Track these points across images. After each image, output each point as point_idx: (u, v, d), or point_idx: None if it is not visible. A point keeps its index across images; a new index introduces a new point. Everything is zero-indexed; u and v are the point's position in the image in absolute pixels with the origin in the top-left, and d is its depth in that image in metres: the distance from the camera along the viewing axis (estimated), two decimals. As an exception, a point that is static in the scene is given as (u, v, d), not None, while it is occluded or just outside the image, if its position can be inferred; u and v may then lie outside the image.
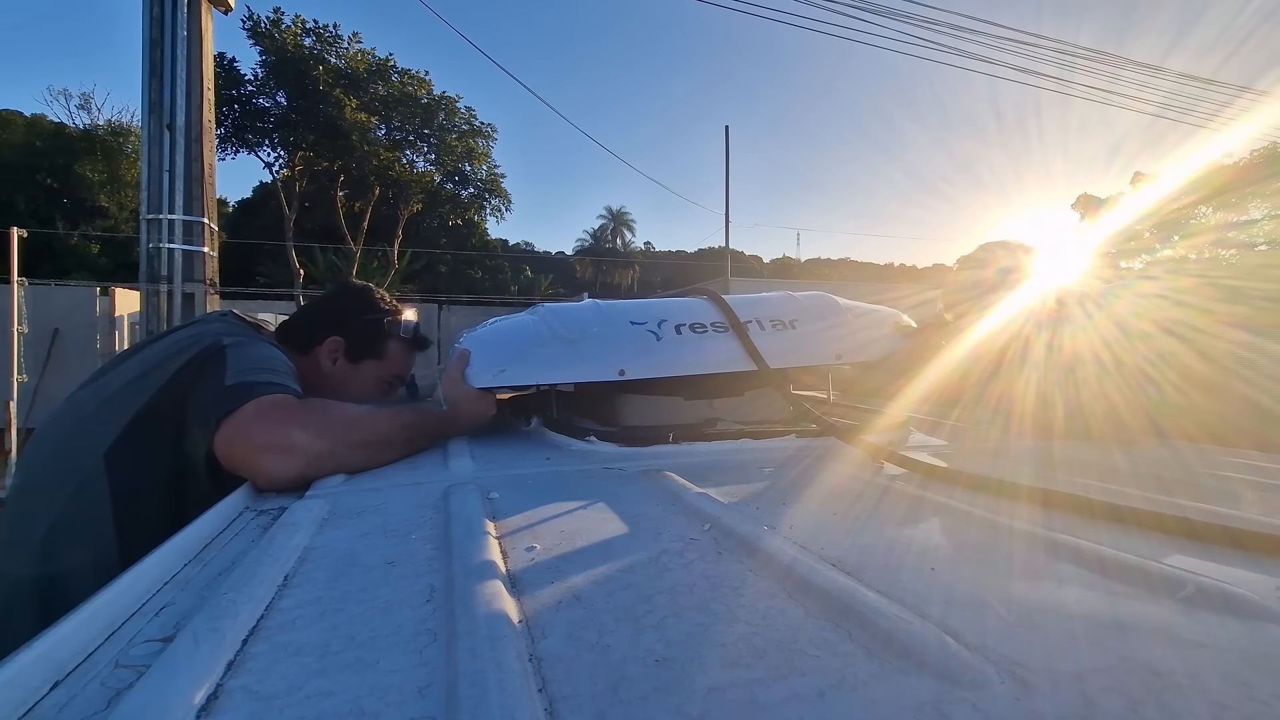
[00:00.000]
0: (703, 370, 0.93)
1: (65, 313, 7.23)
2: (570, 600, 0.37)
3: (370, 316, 1.06)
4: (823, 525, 0.51)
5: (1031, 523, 0.50)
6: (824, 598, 0.36)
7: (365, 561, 0.44)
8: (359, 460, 0.75)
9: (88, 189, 22.60)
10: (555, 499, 0.60)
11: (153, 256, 3.00)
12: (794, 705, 0.26)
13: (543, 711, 0.26)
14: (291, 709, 0.27)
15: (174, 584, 0.42)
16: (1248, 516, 0.53)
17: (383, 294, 1.12)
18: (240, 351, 0.82)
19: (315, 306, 1.10)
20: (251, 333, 0.92)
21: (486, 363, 0.92)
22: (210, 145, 3.17)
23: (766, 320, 0.99)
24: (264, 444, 0.69)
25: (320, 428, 0.72)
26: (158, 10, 2.97)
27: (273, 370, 0.81)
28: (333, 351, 1.03)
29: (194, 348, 0.82)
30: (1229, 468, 0.77)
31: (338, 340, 1.03)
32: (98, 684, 0.30)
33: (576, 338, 0.92)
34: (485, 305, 20.33)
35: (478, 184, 13.27)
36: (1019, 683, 0.28)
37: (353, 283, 1.15)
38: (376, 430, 0.77)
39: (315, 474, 0.70)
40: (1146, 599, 0.37)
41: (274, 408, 0.73)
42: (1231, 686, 0.28)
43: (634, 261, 49.87)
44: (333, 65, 11.22)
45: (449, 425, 0.90)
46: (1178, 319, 1.03)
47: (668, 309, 0.99)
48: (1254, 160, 15.01)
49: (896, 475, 0.68)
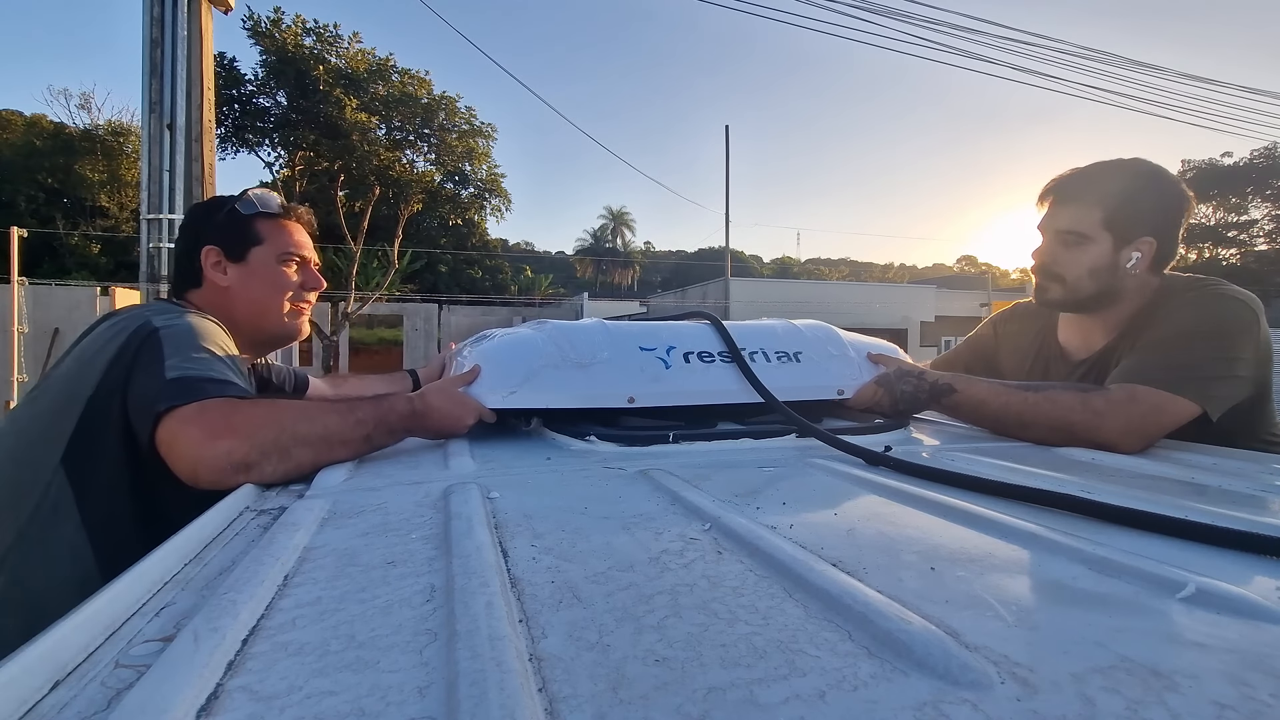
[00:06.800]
0: (710, 400, 0.95)
1: (65, 313, 7.23)
2: (570, 600, 0.37)
3: (220, 212, 1.03)
4: (823, 525, 0.51)
5: (1031, 523, 0.50)
6: (824, 598, 0.36)
7: (365, 561, 0.44)
8: (309, 457, 0.73)
9: (88, 189, 22.62)
10: (555, 499, 0.60)
11: (153, 256, 3.00)
12: (794, 705, 0.26)
13: (543, 711, 0.26)
14: (291, 709, 0.27)
15: (174, 584, 0.42)
16: (1249, 518, 0.53)
17: (228, 195, 1.07)
18: (173, 332, 0.80)
19: (178, 241, 1.07)
20: (177, 308, 0.90)
21: (498, 382, 0.92)
22: (210, 145, 3.17)
23: (771, 352, 1.02)
24: (205, 442, 0.69)
25: (266, 426, 0.71)
26: (158, 10, 2.97)
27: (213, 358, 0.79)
28: (215, 263, 1.00)
29: (124, 333, 0.80)
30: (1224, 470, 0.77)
31: (210, 249, 1.00)
32: (98, 684, 0.30)
33: (588, 362, 0.92)
34: (485, 305, 20.33)
35: (478, 184, 13.27)
36: (1019, 683, 0.28)
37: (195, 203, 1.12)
38: (328, 426, 0.75)
39: (261, 474, 0.69)
40: (1146, 599, 0.37)
41: (217, 406, 0.72)
42: (1231, 686, 0.28)
43: (634, 261, 49.92)
44: (333, 65, 11.22)
45: (416, 423, 0.85)
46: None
47: (677, 335, 1.00)
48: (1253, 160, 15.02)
49: (896, 475, 0.68)
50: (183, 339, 0.80)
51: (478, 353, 0.99)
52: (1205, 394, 0.91)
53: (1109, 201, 1.04)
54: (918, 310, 19.02)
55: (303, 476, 0.72)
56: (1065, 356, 1.18)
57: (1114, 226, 1.04)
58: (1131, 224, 1.03)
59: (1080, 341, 1.16)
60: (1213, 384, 0.92)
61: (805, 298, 17.89)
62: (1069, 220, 1.07)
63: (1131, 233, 1.03)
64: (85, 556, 0.75)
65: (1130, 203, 1.04)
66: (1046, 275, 1.10)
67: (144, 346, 0.78)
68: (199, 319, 0.87)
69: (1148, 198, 1.04)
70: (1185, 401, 0.90)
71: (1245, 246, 18.66)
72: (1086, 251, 1.05)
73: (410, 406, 0.85)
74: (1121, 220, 1.03)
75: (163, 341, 0.78)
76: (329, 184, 12.14)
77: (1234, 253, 18.74)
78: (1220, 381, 0.92)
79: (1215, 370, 0.93)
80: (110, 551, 0.76)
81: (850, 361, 1.06)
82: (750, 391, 0.93)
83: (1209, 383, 0.92)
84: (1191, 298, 1.01)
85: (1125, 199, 1.04)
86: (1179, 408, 0.90)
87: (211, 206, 1.05)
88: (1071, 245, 1.07)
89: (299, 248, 1.06)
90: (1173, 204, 1.05)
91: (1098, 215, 1.04)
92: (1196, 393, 0.90)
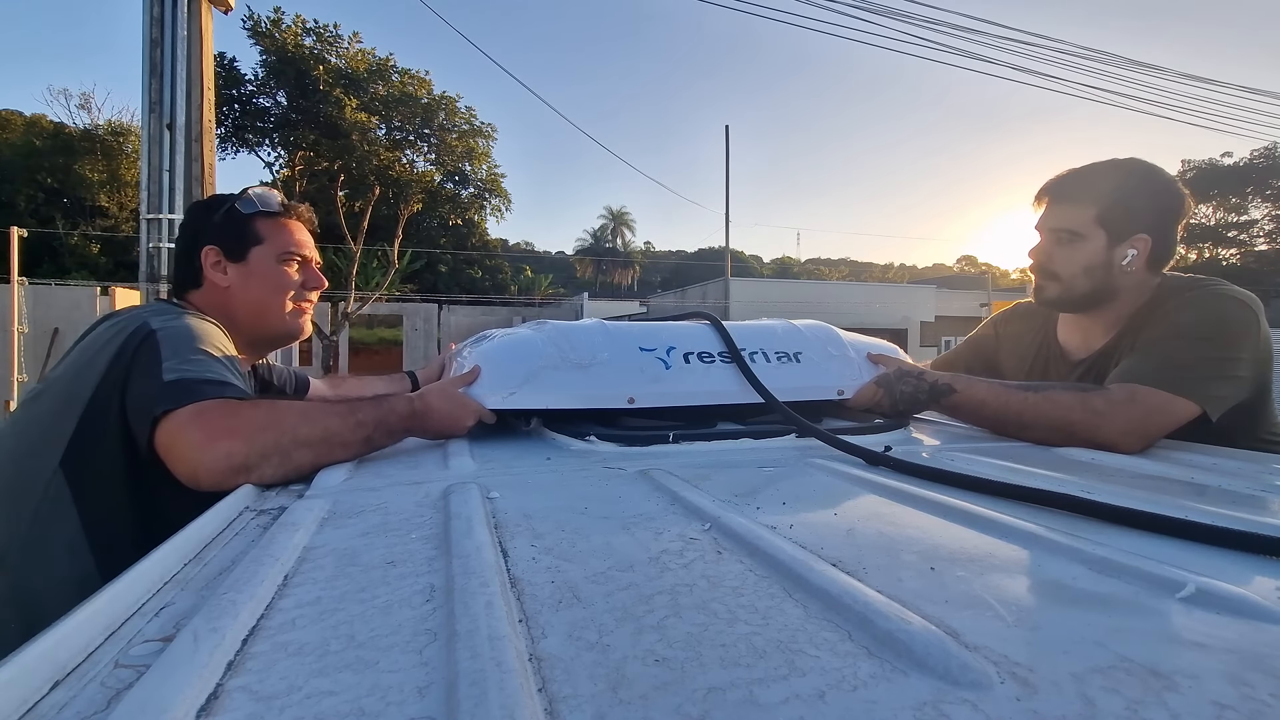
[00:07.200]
0: (710, 401, 0.95)
1: (65, 312, 7.23)
2: (570, 600, 0.37)
3: (220, 211, 1.02)
4: (823, 525, 0.51)
5: (1031, 523, 0.50)
6: (824, 598, 0.36)
7: (365, 561, 0.44)
8: (309, 459, 0.73)
9: (88, 189, 22.62)
10: (555, 499, 0.60)
11: (153, 256, 3.00)
12: (794, 705, 0.26)
13: (543, 711, 0.26)
14: (291, 709, 0.27)
15: (174, 584, 0.42)
16: (1248, 518, 0.53)
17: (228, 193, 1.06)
18: (171, 333, 0.80)
19: (178, 241, 1.06)
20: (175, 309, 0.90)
21: (498, 383, 0.92)
22: (210, 145, 3.17)
23: (771, 352, 1.02)
24: (205, 445, 0.69)
25: (265, 427, 0.71)
26: (158, 10, 2.97)
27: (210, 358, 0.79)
28: (216, 263, 0.99)
29: (122, 335, 0.80)
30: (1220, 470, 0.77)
31: (210, 248, 0.99)
32: (98, 684, 0.30)
33: (588, 363, 0.92)
34: (485, 305, 20.32)
35: (478, 184, 13.28)
36: (1019, 683, 0.28)
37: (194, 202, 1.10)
38: (328, 427, 0.75)
39: (261, 476, 0.69)
40: (1146, 599, 0.37)
41: (215, 407, 0.72)
42: (1231, 686, 0.28)
43: (634, 261, 49.93)
44: (333, 65, 11.23)
45: (416, 423, 0.85)
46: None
47: (676, 335, 1.00)
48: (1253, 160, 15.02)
49: (896, 475, 0.68)
50: (180, 340, 0.80)
51: (477, 353, 0.99)
52: (1205, 394, 0.91)
53: (1103, 199, 1.05)
54: (918, 310, 19.02)
55: (302, 478, 0.72)
56: (1065, 356, 1.18)
57: (1108, 224, 1.05)
58: (1126, 221, 1.04)
59: (1080, 341, 1.16)
60: (1213, 384, 0.92)
61: (805, 298, 17.89)
62: (1064, 219, 1.08)
63: (1126, 230, 1.04)
64: (84, 558, 0.75)
65: (1124, 200, 1.05)
66: (1043, 274, 1.11)
67: (141, 348, 0.78)
68: (197, 320, 0.87)
69: (1142, 195, 1.05)
70: (1185, 402, 0.90)
71: (1245, 246, 18.67)
72: (1081, 249, 1.06)
73: (410, 407, 0.85)
74: (1115, 218, 1.04)
75: (160, 343, 0.78)
76: (329, 184, 12.14)
77: (1234, 253, 18.75)
78: (1220, 382, 0.93)
79: (1215, 370, 0.93)
80: (109, 552, 0.76)
81: (850, 362, 1.06)
82: (750, 392, 0.93)
83: (1209, 383, 0.92)
84: (1191, 297, 1.01)
85: (1119, 197, 1.05)
86: (1179, 408, 0.90)
87: (211, 205, 1.04)
88: (1066, 243, 1.08)
89: (300, 247, 1.05)
90: (1168, 202, 1.06)
91: (1092, 213, 1.05)
92: (1197, 393, 0.91)
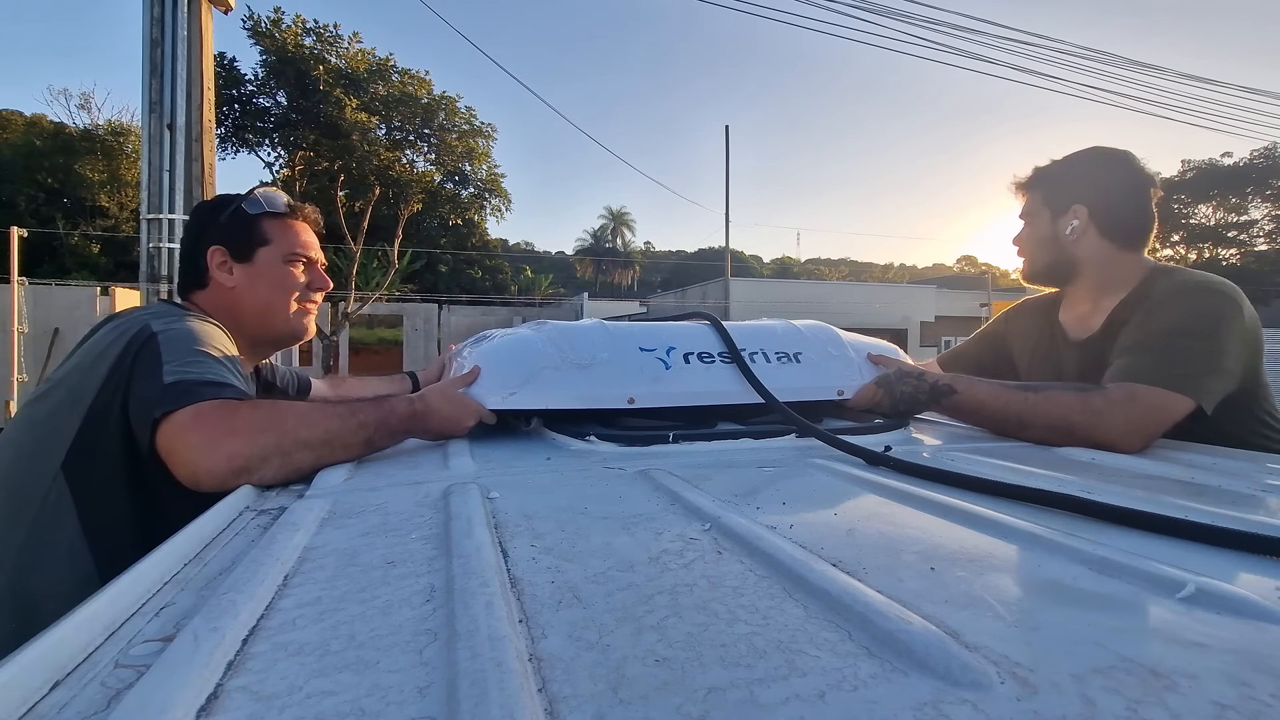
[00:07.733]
0: (710, 401, 0.95)
1: (65, 312, 7.24)
2: (570, 600, 0.37)
3: (226, 211, 1.01)
4: (823, 525, 0.51)
5: (1031, 523, 0.50)
6: (824, 598, 0.36)
7: (365, 561, 0.44)
8: (309, 460, 0.73)
9: (88, 189, 22.62)
10: (555, 499, 0.60)
11: (153, 256, 3.00)
12: (794, 705, 0.26)
13: (543, 711, 0.26)
14: (291, 709, 0.27)
15: (174, 584, 0.42)
16: (1248, 517, 0.53)
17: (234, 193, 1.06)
18: (172, 336, 0.80)
19: (183, 241, 1.06)
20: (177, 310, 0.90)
21: (497, 383, 0.92)
22: (210, 145, 3.17)
23: (771, 352, 1.02)
24: (205, 446, 0.69)
25: (266, 429, 0.71)
26: (158, 10, 2.97)
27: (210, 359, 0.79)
28: (221, 263, 0.99)
29: (123, 338, 0.80)
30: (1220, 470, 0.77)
31: (216, 249, 0.99)
32: (98, 684, 0.30)
33: (588, 363, 0.92)
34: (485, 305, 20.34)
35: (478, 184, 13.28)
36: (1019, 683, 0.28)
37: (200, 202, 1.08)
38: (329, 429, 0.75)
39: (262, 477, 0.69)
40: (1146, 599, 0.37)
41: (215, 409, 0.72)
42: (1231, 686, 0.28)
43: (634, 261, 49.91)
44: (333, 65, 11.23)
45: (417, 424, 0.85)
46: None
47: (676, 335, 1.00)
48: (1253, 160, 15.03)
49: (896, 475, 0.68)
50: (180, 342, 0.80)
51: (477, 354, 0.99)
52: (1199, 389, 0.93)
53: (1047, 182, 1.21)
54: (918, 310, 19.01)
55: (303, 479, 0.72)
56: (1066, 336, 1.25)
57: (1051, 201, 1.19)
58: (1063, 196, 1.17)
59: (1077, 323, 1.23)
60: (1205, 378, 0.94)
61: (805, 298, 17.89)
62: (1024, 205, 1.25)
63: (1063, 204, 1.17)
64: (84, 561, 0.75)
65: (1063, 178, 1.19)
66: (1018, 255, 1.28)
67: (143, 351, 0.78)
68: (198, 321, 0.87)
69: (1079, 171, 1.18)
70: (1181, 398, 0.92)
71: (1245, 246, 18.67)
72: (1035, 228, 1.22)
73: (411, 408, 0.84)
74: (1055, 194, 1.18)
75: (161, 346, 0.78)
76: (329, 184, 12.15)
77: (1234, 253, 18.75)
78: (1211, 375, 0.95)
79: (1206, 365, 0.95)
80: (109, 556, 0.76)
81: (850, 362, 1.06)
82: (750, 392, 0.93)
83: (1201, 377, 0.94)
84: (1173, 289, 1.04)
85: (1059, 176, 1.20)
86: (1176, 404, 0.92)
87: (217, 206, 1.04)
88: (1026, 225, 1.24)
89: (305, 248, 1.05)
90: (1108, 176, 1.15)
91: (1040, 195, 1.21)
92: (1191, 388, 0.92)
